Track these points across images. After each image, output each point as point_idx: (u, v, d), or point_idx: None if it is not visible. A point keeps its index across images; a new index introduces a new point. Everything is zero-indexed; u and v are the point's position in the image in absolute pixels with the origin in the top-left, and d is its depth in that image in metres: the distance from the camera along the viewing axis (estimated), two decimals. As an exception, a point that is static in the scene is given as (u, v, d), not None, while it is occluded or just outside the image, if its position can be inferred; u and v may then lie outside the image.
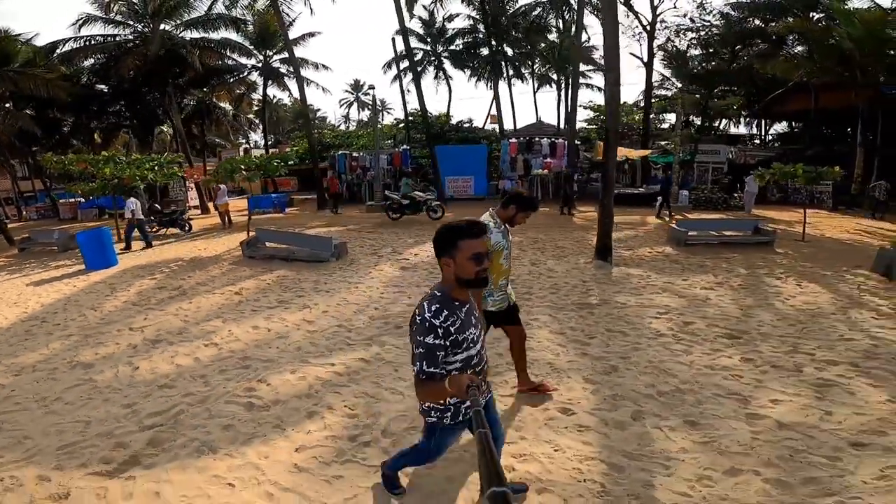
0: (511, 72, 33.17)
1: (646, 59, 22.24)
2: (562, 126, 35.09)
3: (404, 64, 28.45)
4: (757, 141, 31.29)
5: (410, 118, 32.76)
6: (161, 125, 21.50)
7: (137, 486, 2.72)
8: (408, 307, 5.91)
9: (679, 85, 24.54)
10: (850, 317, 5.27)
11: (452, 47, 30.80)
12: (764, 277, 7.13)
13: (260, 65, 22.61)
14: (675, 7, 45.46)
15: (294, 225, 14.13)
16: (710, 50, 21.96)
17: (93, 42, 17.18)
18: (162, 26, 17.40)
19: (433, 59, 32.08)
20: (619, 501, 2.41)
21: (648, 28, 21.82)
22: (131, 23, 17.16)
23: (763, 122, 31.30)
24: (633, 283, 6.87)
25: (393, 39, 19.67)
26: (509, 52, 30.80)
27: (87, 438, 3.32)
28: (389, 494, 2.50)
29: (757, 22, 20.69)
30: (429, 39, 31.11)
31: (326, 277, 7.63)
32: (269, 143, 30.07)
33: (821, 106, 21.51)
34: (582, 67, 34.46)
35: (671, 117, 29.79)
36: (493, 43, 28.35)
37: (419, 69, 32.27)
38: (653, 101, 33.28)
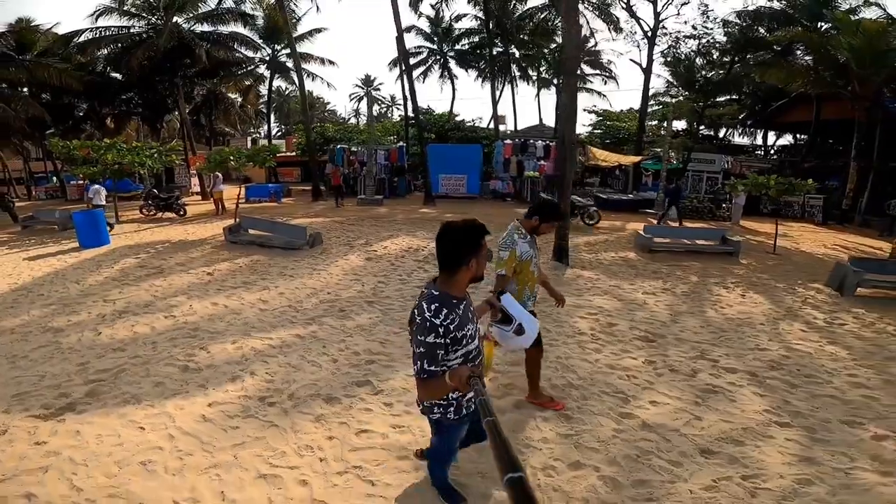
0: (518, 73, 33.47)
1: (645, 66, 22.38)
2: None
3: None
4: (761, 152, 31.19)
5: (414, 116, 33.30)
6: (170, 113, 22.22)
7: (63, 427, 3.21)
8: (357, 293, 6.37)
9: (687, 92, 24.59)
10: (777, 328, 5.42)
11: (458, 47, 31.09)
12: (712, 286, 7.28)
13: (268, 58, 23.23)
14: (678, 14, 45.16)
15: (285, 214, 14.67)
16: (710, 58, 21.96)
17: (108, 33, 17.90)
18: (175, 19, 18.05)
19: (439, 58, 32.41)
20: (469, 478, 2.64)
21: (650, 34, 21.95)
22: (145, 15, 17.88)
23: (767, 133, 31.20)
24: (580, 284, 7.19)
25: (396, 39, 20.02)
26: (517, 53, 31.05)
27: (38, 389, 3.83)
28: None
29: (761, 31, 20.65)
30: (435, 38, 31.42)
31: (295, 263, 8.11)
32: (280, 133, 30.78)
33: (822, 118, 21.31)
34: (586, 71, 34.86)
35: (681, 125, 29.82)
36: (500, 44, 28.72)
37: (425, 67, 32.79)
38: (659, 107, 33.40)
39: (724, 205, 18.49)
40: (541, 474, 2.74)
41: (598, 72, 34.12)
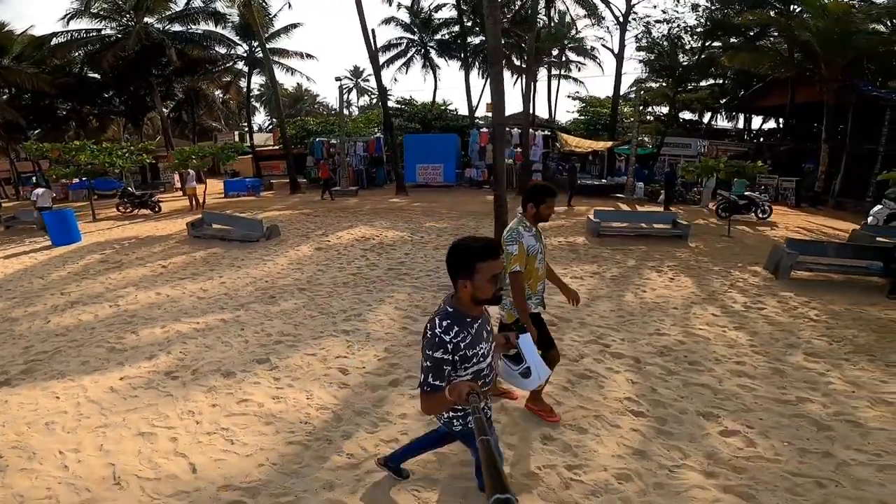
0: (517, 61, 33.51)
1: (617, 51, 22.57)
2: (546, 117, 35.60)
3: (384, 56, 29.29)
4: (748, 136, 31.34)
5: (399, 105, 33.49)
6: (150, 111, 22.62)
7: (-7, 397, 3.75)
8: (293, 281, 6.88)
9: (660, 78, 24.80)
10: (688, 313, 5.48)
11: (438, 37, 31.20)
12: (645, 270, 7.41)
13: (245, 55, 23.51)
14: None
15: (258, 207, 15.16)
16: (680, 42, 22.11)
17: (79, 36, 18.25)
18: (147, 20, 18.37)
19: (420, 48, 32.53)
20: (315, 442, 3.03)
21: (621, 19, 22.08)
22: (115, 17, 18.19)
23: (751, 117, 31.34)
24: None
25: (372, 31, 20.30)
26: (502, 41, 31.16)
27: (-18, 369, 4.36)
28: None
29: (732, 14, 20.71)
30: (415, 29, 31.50)
31: (247, 255, 8.62)
32: (270, 126, 31.11)
33: (797, 101, 21.24)
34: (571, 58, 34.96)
35: (665, 109, 30.01)
36: (480, 32, 28.84)
37: (407, 58, 32.94)
38: (640, 92, 33.57)
39: (694, 188, 18.81)
40: (376, 449, 2.95)
41: (581, 58, 34.29)
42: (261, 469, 2.80)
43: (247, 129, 41.86)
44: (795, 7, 19.56)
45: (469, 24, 29.36)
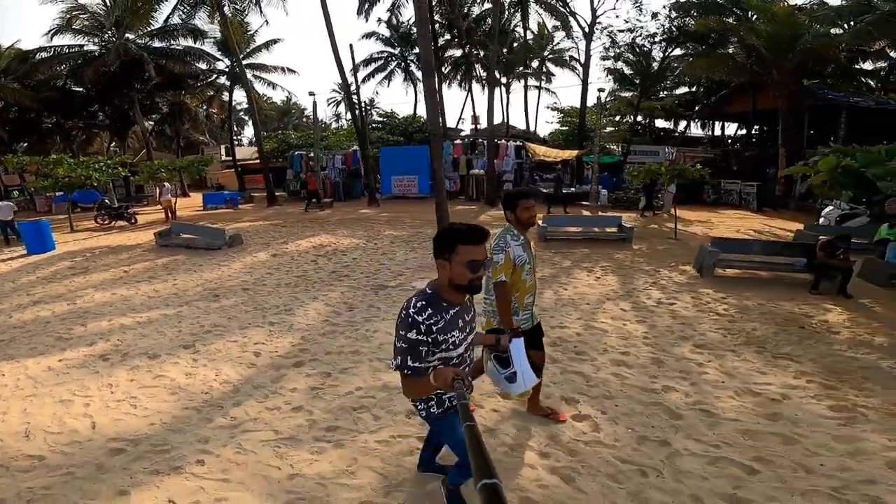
0: (484, 73, 34.53)
1: (583, 61, 23.48)
2: (524, 128, 36.59)
3: (366, 70, 30.32)
4: (728, 142, 32.25)
5: (382, 118, 34.41)
6: (134, 125, 23.32)
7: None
8: (239, 283, 7.50)
9: (625, 87, 25.77)
10: (599, 308, 5.75)
11: (417, 50, 32.22)
12: (576, 270, 7.79)
13: (227, 69, 24.33)
14: (615, 8, 46.50)
15: (232, 219, 15.78)
16: (642, 51, 23.03)
17: (62, 51, 19.04)
18: (128, 35, 19.17)
19: (400, 62, 33.53)
20: (207, 408, 3.60)
21: (587, 30, 22.97)
22: (96, 33, 19.00)
23: (724, 124, 32.33)
24: None
25: (350, 46, 21.17)
26: (481, 54, 32.18)
27: (-62, 357, 4.94)
28: None
29: (691, 22, 21.30)
30: (395, 43, 32.53)
31: (207, 261, 9.22)
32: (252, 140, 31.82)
33: (759, 107, 21.77)
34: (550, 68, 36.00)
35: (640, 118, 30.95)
36: (459, 47, 29.92)
37: (387, 72, 33.94)
38: (603, 102, 34.59)
39: (658, 194, 19.49)
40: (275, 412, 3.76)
41: (560, 69, 35.44)
42: (151, 427, 3.40)
43: (236, 142, 42.78)
44: (753, 14, 20.33)
45: (448, 37, 30.43)
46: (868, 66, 22.25)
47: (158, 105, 23.85)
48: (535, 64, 35.66)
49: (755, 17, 19.60)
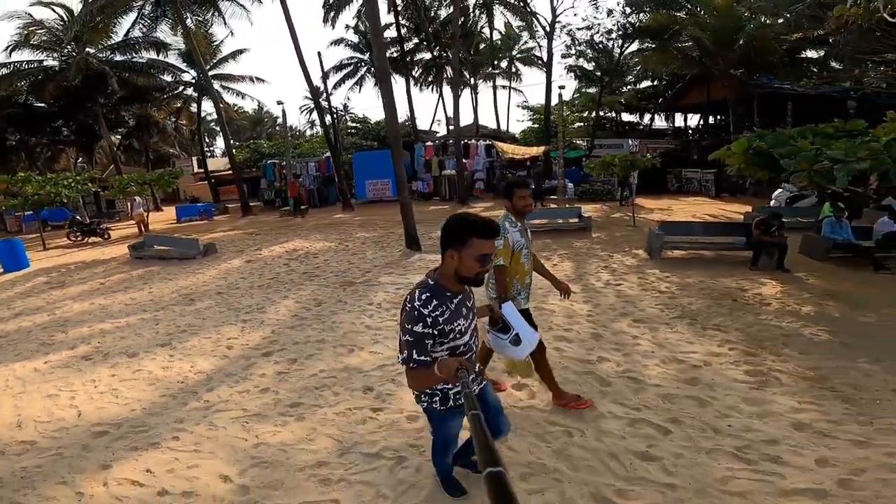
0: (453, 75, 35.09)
1: (546, 59, 24.25)
2: (494, 127, 37.36)
3: (336, 76, 30.63)
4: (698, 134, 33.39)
5: (355, 124, 34.73)
6: (100, 140, 23.24)
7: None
8: (214, 287, 7.87)
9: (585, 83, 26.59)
10: (549, 292, 5.75)
11: (387, 55, 32.67)
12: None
13: (194, 81, 24.40)
14: (573, 7, 48.29)
15: (207, 230, 16.00)
16: (599, 47, 23.89)
17: (22, 67, 18.95)
18: (89, 50, 19.16)
19: (370, 67, 33.89)
20: (182, 394, 4.21)
21: (548, 29, 23.75)
22: (56, 49, 18.96)
23: (686, 116, 33.56)
24: (416, 265, 8.59)
25: (319, 53, 21.55)
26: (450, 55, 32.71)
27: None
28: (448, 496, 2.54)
29: (644, 18, 22.11)
30: (364, 49, 32.88)
31: (182, 270, 9.54)
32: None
33: (712, 98, 22.48)
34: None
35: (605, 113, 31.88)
36: (428, 50, 30.50)
37: (358, 77, 34.28)
38: (562, 98, 35.57)
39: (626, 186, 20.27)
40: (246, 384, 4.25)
41: (529, 68, 36.29)
42: (132, 412, 3.81)
43: (208, 153, 42.55)
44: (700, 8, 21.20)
45: (416, 41, 30.98)
46: (813, 54, 23.53)
47: (125, 118, 23.78)
48: (504, 64, 36.53)
49: (702, 10, 20.66)
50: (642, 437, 2.97)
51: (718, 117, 26.88)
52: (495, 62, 34.99)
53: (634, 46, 24.04)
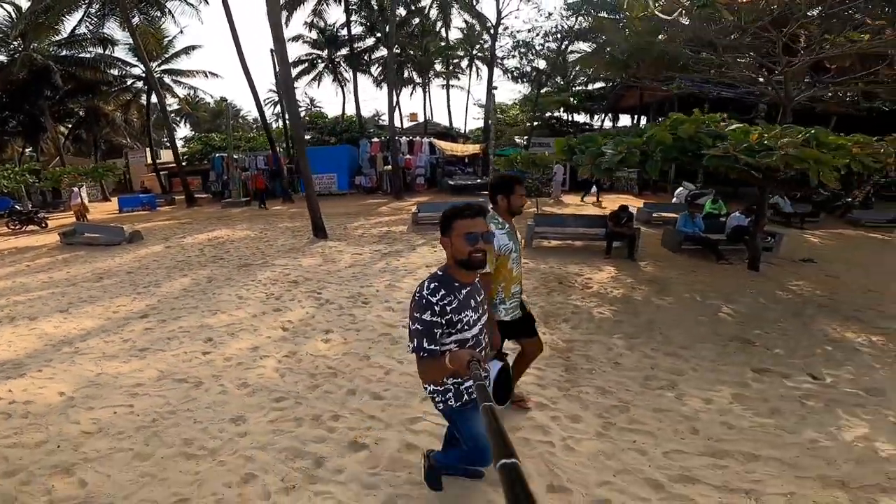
0: (414, 73, 36.12)
1: (488, 60, 25.67)
2: (454, 125, 38.72)
3: (294, 71, 31.17)
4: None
5: (313, 119, 35.49)
6: (46, 132, 23.53)
7: None
8: (126, 269, 8.97)
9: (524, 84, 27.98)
10: (414, 275, 7.17)
11: (345, 52, 33.41)
12: (422, 248, 9.50)
13: (143, 75, 24.82)
14: (518, 9, 50.37)
15: (145, 220, 16.84)
16: (536, 50, 25.40)
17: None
18: (34, 45, 19.62)
19: (328, 63, 34.72)
20: (58, 346, 5.51)
21: (492, 30, 25.13)
22: (2, 45, 19.37)
23: (633, 116, 35.42)
24: (312, 251, 9.78)
25: (272, 51, 22.31)
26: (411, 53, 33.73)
27: None
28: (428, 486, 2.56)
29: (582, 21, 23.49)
30: (323, 45, 33.65)
31: (104, 255, 10.54)
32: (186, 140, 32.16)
33: (645, 101, 23.85)
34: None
35: (559, 114, 33.35)
36: (384, 48, 31.50)
37: (316, 73, 35.08)
38: (523, 98, 37.06)
39: (552, 181, 21.81)
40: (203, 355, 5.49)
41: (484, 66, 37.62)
42: (15, 355, 5.04)
43: (165, 144, 42.53)
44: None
45: (373, 41, 31.93)
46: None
47: (73, 110, 24.11)
48: (464, 63, 37.80)
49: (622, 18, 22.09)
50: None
51: (658, 119, 28.66)
52: (451, 61, 36.23)
53: (582, 45, 25.39)
